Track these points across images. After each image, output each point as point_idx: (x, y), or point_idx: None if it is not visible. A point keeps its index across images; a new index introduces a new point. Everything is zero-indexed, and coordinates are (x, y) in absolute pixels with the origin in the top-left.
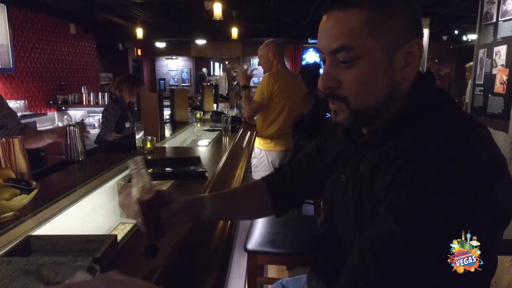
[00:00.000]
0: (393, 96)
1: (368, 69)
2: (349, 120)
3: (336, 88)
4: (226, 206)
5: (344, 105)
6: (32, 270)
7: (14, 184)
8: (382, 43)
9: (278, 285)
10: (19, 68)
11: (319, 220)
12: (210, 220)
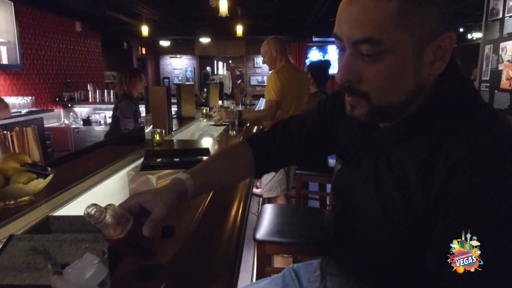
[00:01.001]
0: (419, 93)
1: (394, 65)
2: (368, 116)
3: (356, 82)
4: (208, 180)
5: (364, 100)
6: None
7: (30, 168)
8: (413, 36)
9: (289, 269)
10: (26, 65)
11: (326, 213)
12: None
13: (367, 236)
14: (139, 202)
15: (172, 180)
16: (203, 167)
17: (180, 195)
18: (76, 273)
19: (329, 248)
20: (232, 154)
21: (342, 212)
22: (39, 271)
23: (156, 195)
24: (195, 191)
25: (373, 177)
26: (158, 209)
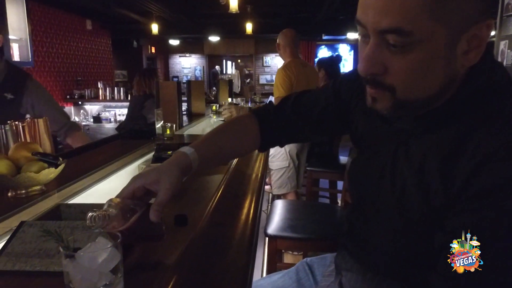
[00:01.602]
0: (448, 86)
1: (425, 57)
2: (391, 110)
3: (381, 74)
4: (212, 153)
5: (388, 94)
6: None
7: (42, 158)
8: (447, 26)
9: (303, 263)
10: (37, 62)
11: (338, 209)
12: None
13: (382, 229)
14: (143, 185)
15: (175, 154)
16: (207, 139)
17: (184, 170)
18: (88, 256)
19: (344, 242)
20: (237, 126)
21: (357, 205)
22: (50, 257)
23: (160, 175)
24: (199, 164)
25: (390, 168)
26: (163, 192)
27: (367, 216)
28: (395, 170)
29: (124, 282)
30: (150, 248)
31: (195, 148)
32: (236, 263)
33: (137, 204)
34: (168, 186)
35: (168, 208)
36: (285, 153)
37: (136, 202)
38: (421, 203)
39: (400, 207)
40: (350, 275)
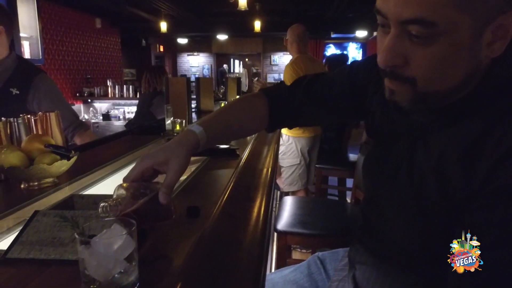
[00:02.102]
0: (471, 78)
1: (448, 48)
2: (410, 103)
3: (402, 66)
4: (220, 131)
5: (408, 86)
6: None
7: (54, 150)
8: (472, 17)
9: (314, 257)
10: (48, 60)
11: (348, 205)
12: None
13: (398, 223)
14: (151, 165)
15: (185, 132)
16: (216, 117)
17: (192, 149)
18: (104, 243)
19: (358, 236)
20: (246, 104)
21: (371, 198)
22: (64, 246)
23: (168, 155)
24: (206, 143)
25: (408, 162)
26: (172, 174)
27: (382, 209)
28: (413, 164)
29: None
30: (163, 238)
31: (203, 126)
32: (250, 254)
33: (146, 187)
34: (177, 168)
35: (180, 200)
36: (296, 150)
37: (145, 184)
38: (440, 198)
39: (417, 201)
40: (365, 268)
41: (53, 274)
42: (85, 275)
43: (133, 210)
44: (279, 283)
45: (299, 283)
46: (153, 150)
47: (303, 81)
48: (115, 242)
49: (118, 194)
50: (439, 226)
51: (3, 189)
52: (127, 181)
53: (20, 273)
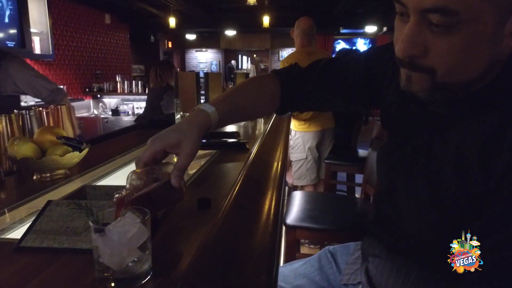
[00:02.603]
0: (492, 69)
1: (470, 38)
2: (428, 93)
3: (421, 56)
4: (232, 112)
5: (426, 76)
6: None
7: (66, 141)
8: (495, 5)
9: (325, 251)
10: (58, 55)
11: (357, 200)
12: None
13: (414, 216)
14: (163, 148)
15: (196, 112)
16: (228, 97)
17: (204, 130)
18: (118, 231)
19: (372, 228)
20: (258, 85)
21: (386, 191)
22: (77, 235)
23: (181, 137)
24: (218, 123)
25: (425, 154)
26: (184, 157)
27: (397, 202)
28: (430, 156)
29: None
30: (175, 229)
31: (216, 106)
32: (263, 245)
33: (158, 171)
34: (189, 151)
35: (191, 192)
36: (302, 145)
37: (157, 168)
38: (458, 191)
39: (434, 194)
40: (378, 261)
41: (66, 262)
42: (99, 263)
43: (147, 194)
44: (290, 276)
45: (309, 276)
46: (164, 130)
47: (318, 64)
48: (129, 231)
49: (131, 183)
50: (456, 219)
51: (16, 181)
52: (140, 164)
53: (34, 261)
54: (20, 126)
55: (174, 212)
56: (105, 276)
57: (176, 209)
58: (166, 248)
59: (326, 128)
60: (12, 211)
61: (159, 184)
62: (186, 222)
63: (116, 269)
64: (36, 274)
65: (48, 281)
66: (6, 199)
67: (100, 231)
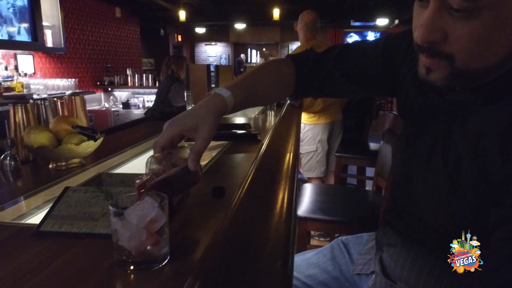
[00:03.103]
0: (511, 55)
1: (491, 23)
2: (447, 80)
3: (440, 42)
4: (247, 97)
5: (445, 63)
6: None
7: (81, 131)
8: None
9: (338, 241)
10: (69, 49)
11: (369, 193)
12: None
13: (431, 205)
14: (180, 132)
15: (212, 96)
16: (243, 82)
17: (220, 114)
18: (137, 214)
19: (387, 218)
20: (273, 70)
21: (402, 180)
22: (95, 220)
23: (197, 122)
24: (233, 108)
25: (443, 143)
26: (201, 141)
27: (414, 191)
28: (449, 145)
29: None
30: (190, 216)
31: (231, 91)
32: (278, 232)
33: (176, 155)
34: (206, 135)
35: (205, 181)
36: (312, 138)
37: (174, 152)
38: (477, 179)
39: (453, 183)
40: (393, 250)
41: (85, 246)
42: (118, 246)
43: (166, 179)
44: (302, 266)
45: (322, 266)
46: (180, 114)
47: (335, 49)
48: (148, 214)
49: (150, 168)
50: (475, 208)
51: (32, 169)
52: (157, 148)
53: (54, 245)
54: (35, 115)
55: (189, 200)
56: (124, 259)
57: (191, 198)
58: (182, 234)
59: (335, 120)
60: (30, 198)
61: (178, 169)
62: (201, 210)
63: (134, 252)
64: (57, 257)
65: (69, 263)
66: (23, 187)
67: (119, 214)
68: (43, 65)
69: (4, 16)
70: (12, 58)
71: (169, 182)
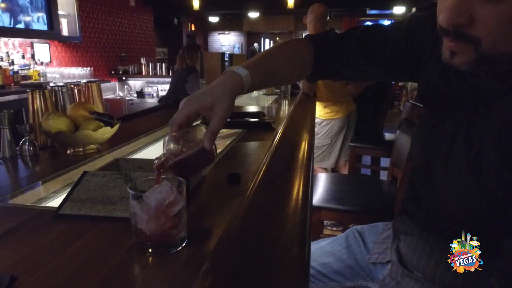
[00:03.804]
0: None
1: None
2: (472, 65)
3: (466, 25)
4: (264, 78)
5: (470, 47)
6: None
7: (98, 117)
8: None
9: (353, 230)
10: (85, 37)
11: (384, 183)
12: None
13: (452, 193)
14: (196, 110)
15: (229, 74)
16: (260, 61)
17: (236, 93)
18: (155, 197)
19: (405, 206)
20: (290, 50)
21: (422, 168)
22: (113, 204)
23: (214, 101)
24: (249, 88)
25: (466, 129)
26: (217, 120)
27: (434, 179)
28: (472, 131)
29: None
30: (207, 202)
31: (248, 70)
32: (294, 218)
33: (190, 134)
34: (222, 114)
35: (220, 168)
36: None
37: (189, 130)
38: (500, 168)
39: (476, 170)
40: (410, 239)
41: (103, 229)
42: (137, 229)
43: (183, 160)
44: (316, 254)
45: (336, 255)
46: (197, 92)
47: (356, 31)
48: (166, 198)
49: (167, 148)
50: (498, 197)
51: (50, 155)
52: (174, 126)
53: (73, 227)
54: (53, 102)
55: (205, 186)
56: (142, 242)
57: (206, 183)
58: (199, 219)
59: (351, 111)
60: (48, 183)
61: (196, 150)
62: (217, 196)
63: (152, 235)
64: (76, 239)
65: (87, 245)
66: (41, 172)
67: (138, 197)
68: (59, 53)
69: (21, 5)
70: (28, 47)
71: (186, 162)
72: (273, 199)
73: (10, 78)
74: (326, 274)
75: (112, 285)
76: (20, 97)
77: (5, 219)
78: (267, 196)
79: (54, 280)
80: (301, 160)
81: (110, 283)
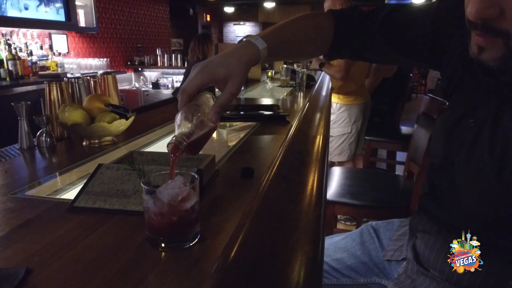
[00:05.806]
0: None
1: None
2: (501, 61)
3: (496, 18)
4: (280, 50)
5: (500, 41)
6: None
7: (114, 109)
8: None
9: (367, 226)
10: (101, 28)
11: (399, 178)
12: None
13: (473, 192)
14: (209, 81)
15: (247, 45)
16: (278, 32)
17: (252, 65)
18: (168, 193)
19: (423, 204)
20: (310, 23)
21: (442, 165)
22: (127, 197)
23: (228, 72)
24: (265, 59)
25: (490, 126)
26: (228, 95)
27: (454, 177)
28: (497, 129)
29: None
30: (219, 197)
31: (266, 42)
32: (308, 215)
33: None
34: (234, 90)
35: (234, 162)
36: (348, 119)
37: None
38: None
39: (499, 169)
40: (428, 237)
41: (117, 222)
42: (150, 224)
43: (194, 140)
44: (329, 249)
45: (350, 250)
46: (211, 61)
47: (382, 11)
48: (179, 194)
49: (180, 125)
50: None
51: (67, 146)
52: (185, 96)
53: (88, 220)
54: (69, 93)
55: (218, 180)
56: (155, 237)
57: (220, 178)
58: (212, 214)
59: (367, 101)
60: (64, 174)
61: (207, 130)
62: (231, 190)
63: (165, 230)
64: (90, 232)
65: (102, 238)
66: (58, 163)
67: (151, 192)
68: (76, 44)
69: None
70: (46, 38)
71: (197, 141)
72: (286, 195)
73: (29, 69)
74: (339, 270)
75: (125, 279)
76: (38, 87)
77: (22, 211)
78: (280, 192)
79: (69, 273)
80: (315, 154)
81: (124, 277)
